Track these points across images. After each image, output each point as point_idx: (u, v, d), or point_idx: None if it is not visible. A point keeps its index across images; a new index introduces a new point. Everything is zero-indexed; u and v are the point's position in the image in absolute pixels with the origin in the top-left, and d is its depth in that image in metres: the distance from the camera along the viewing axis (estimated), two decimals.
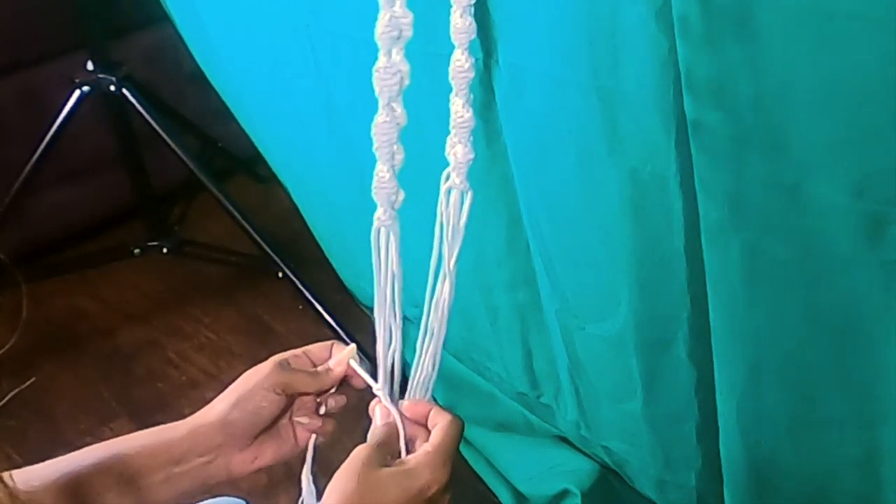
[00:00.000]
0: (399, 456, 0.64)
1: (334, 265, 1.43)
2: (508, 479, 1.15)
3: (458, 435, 0.64)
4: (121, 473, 0.65)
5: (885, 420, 0.71)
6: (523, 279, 0.99)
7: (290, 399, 0.70)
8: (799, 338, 0.73)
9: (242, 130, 1.38)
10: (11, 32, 1.49)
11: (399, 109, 0.63)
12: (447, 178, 0.68)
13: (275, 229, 1.54)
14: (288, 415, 0.71)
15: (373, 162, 1.14)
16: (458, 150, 0.67)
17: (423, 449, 0.63)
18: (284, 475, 1.15)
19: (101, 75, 1.46)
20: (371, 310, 1.45)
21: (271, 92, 1.21)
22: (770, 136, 0.62)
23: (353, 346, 0.71)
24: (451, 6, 0.64)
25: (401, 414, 0.66)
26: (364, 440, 0.65)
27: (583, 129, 0.75)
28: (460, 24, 0.62)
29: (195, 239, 1.69)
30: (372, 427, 0.68)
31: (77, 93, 1.45)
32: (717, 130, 0.65)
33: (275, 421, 0.70)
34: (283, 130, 1.27)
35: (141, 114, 1.46)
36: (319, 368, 0.70)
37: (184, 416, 0.67)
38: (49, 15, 1.51)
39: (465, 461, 1.18)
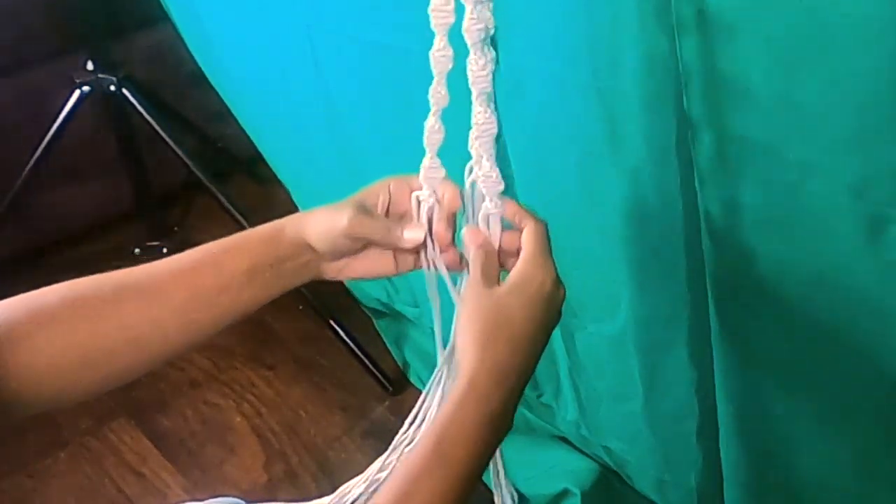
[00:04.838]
0: (499, 277, 0.63)
1: None
2: (508, 479, 1.15)
3: (546, 233, 0.63)
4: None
5: (884, 420, 0.71)
6: None
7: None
8: (799, 337, 0.73)
9: (242, 130, 1.38)
10: (11, 32, 1.49)
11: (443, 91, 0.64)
12: (470, 171, 0.68)
13: None
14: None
15: (372, 161, 1.14)
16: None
17: (521, 259, 0.62)
18: (284, 475, 1.14)
19: (101, 75, 1.45)
20: (371, 310, 1.44)
21: (271, 92, 1.21)
22: (770, 136, 0.62)
23: (424, 230, 0.65)
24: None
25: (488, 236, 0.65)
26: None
27: (583, 129, 0.75)
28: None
29: (195, 240, 1.68)
30: (470, 256, 0.64)
31: (77, 93, 1.45)
32: (718, 130, 0.65)
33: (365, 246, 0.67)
34: (283, 130, 1.27)
35: (141, 114, 1.46)
36: (392, 228, 0.65)
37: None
38: (49, 15, 1.51)
39: None
